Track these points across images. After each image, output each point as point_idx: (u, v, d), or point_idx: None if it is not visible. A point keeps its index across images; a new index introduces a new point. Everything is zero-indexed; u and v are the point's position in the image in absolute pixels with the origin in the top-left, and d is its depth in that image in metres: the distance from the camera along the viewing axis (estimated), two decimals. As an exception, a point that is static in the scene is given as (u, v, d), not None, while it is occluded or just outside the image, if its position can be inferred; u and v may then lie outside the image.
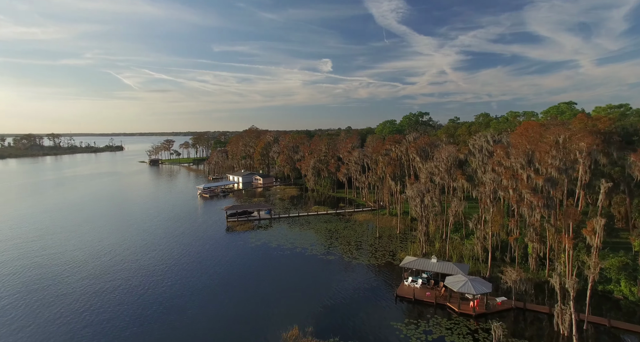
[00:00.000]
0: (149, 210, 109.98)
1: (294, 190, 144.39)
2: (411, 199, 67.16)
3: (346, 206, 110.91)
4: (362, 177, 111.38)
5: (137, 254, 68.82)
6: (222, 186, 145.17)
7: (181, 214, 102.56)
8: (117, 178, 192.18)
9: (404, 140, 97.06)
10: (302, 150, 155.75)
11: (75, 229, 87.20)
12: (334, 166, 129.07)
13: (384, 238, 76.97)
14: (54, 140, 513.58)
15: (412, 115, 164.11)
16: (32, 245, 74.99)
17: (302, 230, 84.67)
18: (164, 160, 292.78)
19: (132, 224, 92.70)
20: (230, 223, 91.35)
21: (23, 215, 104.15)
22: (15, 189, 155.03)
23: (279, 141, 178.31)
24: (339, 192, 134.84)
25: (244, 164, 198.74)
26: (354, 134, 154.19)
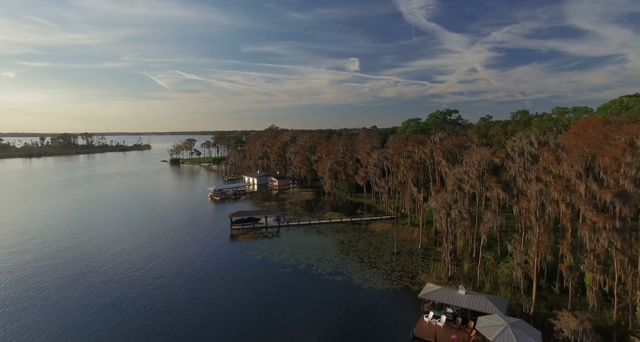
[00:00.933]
0: (154, 215, 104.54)
1: (310, 193, 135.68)
2: (436, 211, 56.63)
3: (364, 213, 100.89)
4: (382, 182, 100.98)
5: (120, 270, 62.19)
6: (234, 187, 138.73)
7: (186, 221, 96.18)
8: (134, 178, 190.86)
9: (428, 141, 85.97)
10: (319, 151, 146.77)
11: (69, 238, 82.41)
12: (351, 169, 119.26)
13: (403, 254, 66.56)
14: (87, 139, 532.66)
15: (439, 113, 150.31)
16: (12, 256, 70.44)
17: (311, 241, 75.65)
18: (185, 160, 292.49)
19: (132, 232, 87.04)
20: (235, 231, 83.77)
21: (15, 222, 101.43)
22: (24, 189, 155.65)
23: (297, 141, 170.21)
24: (357, 196, 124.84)
25: (261, 164, 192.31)
26: (373, 133, 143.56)
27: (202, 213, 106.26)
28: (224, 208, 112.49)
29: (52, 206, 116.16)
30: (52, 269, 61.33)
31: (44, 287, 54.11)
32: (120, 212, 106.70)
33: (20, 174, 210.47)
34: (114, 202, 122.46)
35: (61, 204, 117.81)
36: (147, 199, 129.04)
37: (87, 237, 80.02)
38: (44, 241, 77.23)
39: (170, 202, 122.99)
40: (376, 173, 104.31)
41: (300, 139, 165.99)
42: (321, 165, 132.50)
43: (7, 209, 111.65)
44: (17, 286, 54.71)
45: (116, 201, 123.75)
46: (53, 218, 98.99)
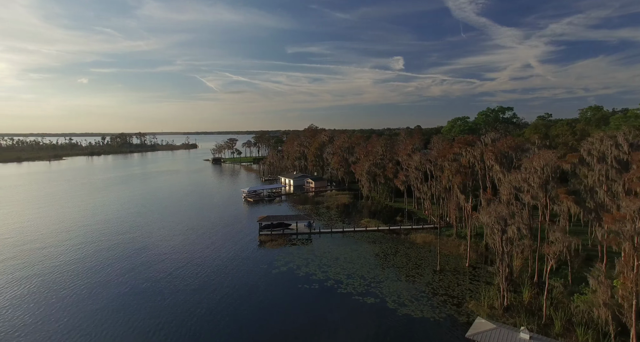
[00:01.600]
0: (189, 215, 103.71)
1: (347, 197, 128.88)
2: (487, 226, 47.64)
3: (403, 221, 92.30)
4: (424, 187, 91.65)
5: (137, 271, 59.85)
6: (268, 189, 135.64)
7: (218, 223, 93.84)
8: (176, 177, 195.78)
9: (478, 143, 75.68)
10: (357, 152, 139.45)
11: (97, 239, 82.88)
12: (391, 171, 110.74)
13: (448, 273, 57.82)
14: (140, 139, 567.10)
15: (490, 111, 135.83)
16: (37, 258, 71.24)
17: (342, 252, 69.07)
18: (226, 159, 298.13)
19: (162, 230, 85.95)
20: (263, 237, 79.45)
21: (32, 224, 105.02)
22: (84, 185, 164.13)
23: (334, 141, 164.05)
24: (397, 201, 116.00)
25: (298, 165, 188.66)
26: (415, 133, 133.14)
27: (234, 215, 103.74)
28: (257, 210, 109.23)
29: (98, 204, 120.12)
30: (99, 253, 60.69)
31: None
32: (158, 212, 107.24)
33: (83, 171, 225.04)
34: (154, 201, 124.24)
35: (107, 202, 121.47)
36: (184, 198, 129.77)
37: (117, 241, 79.84)
38: (84, 241, 78.18)
39: (205, 202, 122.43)
40: (418, 177, 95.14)
41: (338, 139, 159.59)
42: (359, 167, 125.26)
43: (75, 201, 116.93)
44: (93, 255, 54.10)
45: (156, 200, 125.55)
46: (98, 217, 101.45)
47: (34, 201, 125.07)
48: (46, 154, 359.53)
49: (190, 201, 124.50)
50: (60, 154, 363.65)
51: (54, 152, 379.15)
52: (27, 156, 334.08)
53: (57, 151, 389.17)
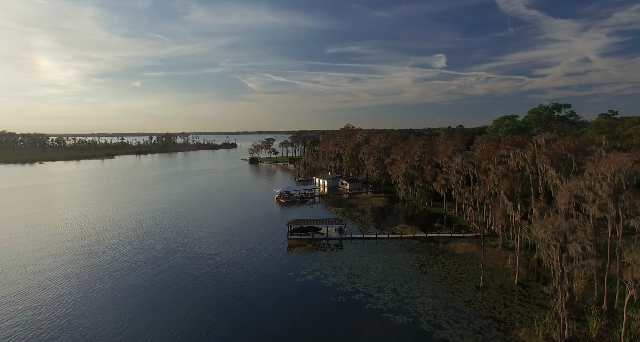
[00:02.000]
0: (221, 215, 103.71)
1: (382, 200, 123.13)
2: (542, 243, 40.90)
3: (442, 228, 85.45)
4: (466, 191, 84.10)
5: (162, 276, 59.01)
6: (301, 190, 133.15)
7: (249, 224, 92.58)
8: (213, 176, 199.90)
9: (529, 144, 67.46)
10: (394, 153, 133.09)
11: (133, 239, 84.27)
12: (430, 174, 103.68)
13: (492, 291, 51.24)
14: (184, 138, 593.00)
15: (544, 108, 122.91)
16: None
17: (374, 261, 64.29)
18: (262, 159, 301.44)
19: (193, 232, 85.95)
20: (292, 241, 76.50)
21: (81, 221, 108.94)
22: (132, 182, 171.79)
23: (370, 141, 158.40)
24: (435, 205, 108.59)
25: (333, 166, 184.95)
26: (456, 133, 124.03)
27: (266, 216, 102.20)
28: (288, 212, 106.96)
29: (136, 202, 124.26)
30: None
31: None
32: (191, 212, 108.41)
33: (129, 169, 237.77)
34: (189, 201, 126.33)
35: (144, 201, 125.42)
36: (218, 198, 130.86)
37: (147, 243, 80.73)
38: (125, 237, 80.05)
39: (238, 203, 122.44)
40: (459, 181, 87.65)
41: (374, 140, 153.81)
42: (395, 168, 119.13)
43: (115, 199, 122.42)
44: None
45: (191, 200, 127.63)
46: (135, 216, 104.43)
47: (82, 197, 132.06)
48: (100, 152, 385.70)
49: (223, 201, 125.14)
50: (112, 153, 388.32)
51: (107, 151, 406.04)
52: (85, 155, 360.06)
53: (110, 150, 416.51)
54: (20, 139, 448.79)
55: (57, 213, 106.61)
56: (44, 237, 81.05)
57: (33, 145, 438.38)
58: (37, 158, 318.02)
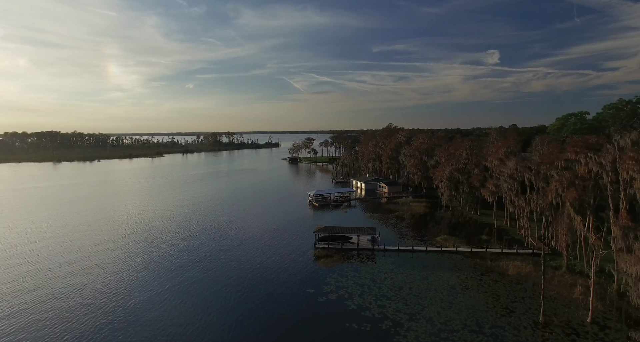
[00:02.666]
0: (250, 217, 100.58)
1: (423, 205, 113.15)
2: (630, 277, 31.07)
3: (491, 242, 74.77)
4: (521, 200, 72.71)
5: (179, 288, 55.58)
6: (336, 193, 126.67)
7: (277, 228, 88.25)
8: (251, 175, 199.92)
9: (607, 146, 55.40)
10: (437, 155, 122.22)
11: (156, 244, 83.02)
12: (477, 179, 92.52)
13: (557, 330, 41.30)
14: (229, 138, 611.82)
15: (625, 102, 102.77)
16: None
17: (408, 279, 56.35)
18: (302, 159, 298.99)
19: (221, 235, 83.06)
20: (319, 251, 70.37)
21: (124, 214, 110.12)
22: (152, 183, 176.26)
23: (412, 142, 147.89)
24: (483, 214, 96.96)
25: (372, 167, 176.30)
26: (510, 134, 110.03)
27: (297, 219, 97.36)
28: (320, 216, 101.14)
29: (169, 201, 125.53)
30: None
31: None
32: (223, 213, 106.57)
33: (174, 168, 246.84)
34: (222, 200, 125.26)
35: (180, 202, 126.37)
36: (253, 197, 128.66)
37: (169, 247, 78.94)
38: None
39: (271, 204, 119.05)
40: (512, 188, 76.18)
41: (416, 140, 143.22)
42: (439, 172, 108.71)
43: (160, 195, 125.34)
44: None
45: (224, 200, 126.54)
46: (164, 220, 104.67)
47: (121, 195, 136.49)
48: (151, 151, 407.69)
49: (257, 203, 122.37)
50: (162, 152, 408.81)
51: (157, 149, 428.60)
52: (137, 153, 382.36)
53: (160, 149, 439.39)
54: (87, 138, 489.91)
55: (101, 212, 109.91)
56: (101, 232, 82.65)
57: (97, 144, 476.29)
58: (97, 156, 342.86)
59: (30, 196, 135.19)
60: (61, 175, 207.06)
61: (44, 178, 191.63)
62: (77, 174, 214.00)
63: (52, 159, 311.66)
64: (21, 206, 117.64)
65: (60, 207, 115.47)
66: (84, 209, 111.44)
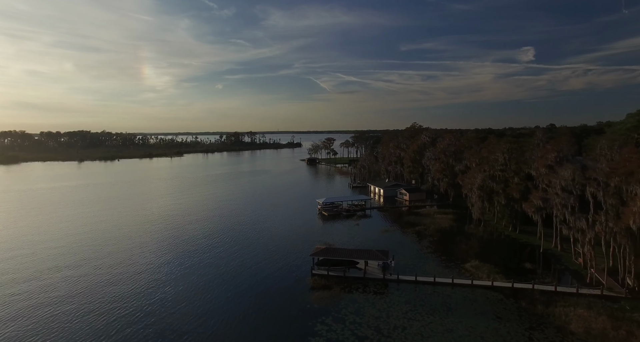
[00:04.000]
0: (249, 227, 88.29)
1: (449, 218, 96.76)
2: None
3: (539, 272, 58.25)
4: (579, 220, 55.65)
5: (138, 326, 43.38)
6: (349, 201, 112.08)
7: (277, 244, 75.40)
8: (264, 178, 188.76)
9: None
10: (467, 158, 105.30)
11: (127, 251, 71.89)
12: (517, 189, 75.72)
13: None
14: (251, 138, 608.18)
15: None
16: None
17: (427, 331, 41.51)
18: (321, 160, 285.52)
19: (212, 249, 71.03)
20: (316, 279, 56.52)
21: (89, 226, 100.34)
22: (155, 186, 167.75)
23: (437, 143, 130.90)
24: (524, 231, 79.80)
25: (393, 171, 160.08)
26: (562, 135, 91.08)
27: (301, 232, 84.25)
28: (328, 230, 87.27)
29: (167, 207, 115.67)
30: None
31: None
32: (221, 219, 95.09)
33: (189, 168, 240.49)
34: (225, 205, 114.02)
35: (177, 204, 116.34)
36: (257, 204, 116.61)
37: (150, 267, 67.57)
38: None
39: (276, 212, 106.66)
40: (567, 203, 59.18)
41: (442, 141, 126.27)
42: (469, 179, 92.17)
43: (161, 200, 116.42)
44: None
45: (227, 205, 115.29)
46: (155, 225, 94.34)
47: (118, 200, 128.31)
48: (171, 151, 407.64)
49: (260, 209, 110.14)
50: (182, 151, 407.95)
51: (179, 149, 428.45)
52: (157, 153, 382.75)
53: (181, 149, 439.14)
54: (114, 137, 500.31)
55: (83, 220, 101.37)
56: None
57: (124, 143, 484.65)
58: (119, 155, 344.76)
59: (17, 200, 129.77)
60: (72, 175, 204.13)
61: (51, 179, 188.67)
62: (89, 174, 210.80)
63: (75, 158, 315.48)
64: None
65: (25, 217, 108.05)
66: (59, 220, 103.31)
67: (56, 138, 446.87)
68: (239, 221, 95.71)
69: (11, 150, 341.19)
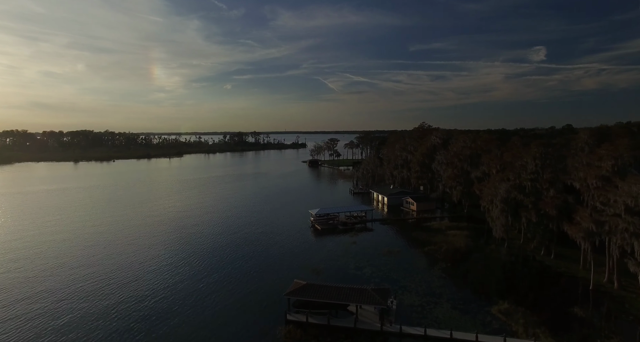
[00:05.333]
0: (226, 246, 73.90)
1: (464, 234, 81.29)
2: None
3: (595, 322, 42.71)
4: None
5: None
6: (348, 212, 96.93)
7: (250, 272, 60.95)
8: (258, 181, 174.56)
9: None
10: (485, 163, 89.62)
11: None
12: (552, 204, 60.12)
13: None
14: (255, 138, 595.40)
15: None
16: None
17: None
18: (323, 162, 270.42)
19: (169, 274, 56.75)
20: (291, 330, 41.76)
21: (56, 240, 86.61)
22: (136, 192, 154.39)
23: (449, 145, 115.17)
24: (562, 256, 64.10)
25: (398, 176, 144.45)
26: (617, 135, 74.11)
27: (285, 253, 69.68)
28: (319, 251, 72.41)
29: (135, 219, 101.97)
30: None
31: None
32: (193, 235, 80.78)
33: (182, 170, 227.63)
34: (205, 216, 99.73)
35: (150, 212, 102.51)
36: (242, 214, 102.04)
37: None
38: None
39: (261, 223, 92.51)
40: (635, 230, 43.53)
41: (455, 143, 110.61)
42: (488, 188, 76.56)
43: (139, 207, 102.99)
44: None
45: (208, 215, 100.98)
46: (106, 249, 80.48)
47: (84, 208, 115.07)
48: (172, 151, 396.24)
49: (244, 220, 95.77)
50: (182, 152, 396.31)
51: (179, 149, 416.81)
52: (156, 153, 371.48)
53: (181, 149, 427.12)
54: (117, 137, 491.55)
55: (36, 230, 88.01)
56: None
57: (127, 143, 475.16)
58: (116, 156, 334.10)
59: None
60: (56, 177, 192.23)
61: (30, 182, 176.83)
62: (74, 176, 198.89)
63: (71, 158, 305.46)
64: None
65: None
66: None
67: (58, 138, 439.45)
68: (215, 242, 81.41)
69: (10, 150, 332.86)
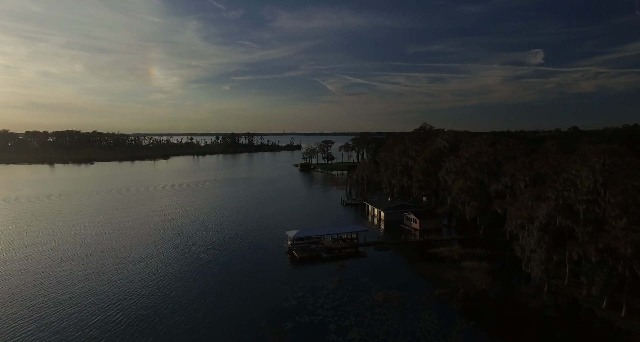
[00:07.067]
0: (171, 279, 53.76)
1: (485, 268, 61.51)
2: None
3: None
4: None
5: None
6: (335, 234, 76.97)
7: (221, 314, 40.94)
8: (240, 188, 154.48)
9: None
10: (509, 175, 69.91)
11: None
12: (626, 239, 40.37)
13: None
14: (248, 139, 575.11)
15: None
16: None
17: None
18: (316, 165, 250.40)
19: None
20: None
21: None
22: (103, 198, 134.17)
23: (460, 149, 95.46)
24: (638, 313, 44.18)
25: (397, 184, 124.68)
26: None
27: (250, 300, 49.35)
28: (296, 292, 52.36)
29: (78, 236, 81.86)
30: None
31: None
32: (147, 261, 60.52)
33: (161, 174, 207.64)
34: (153, 239, 79.73)
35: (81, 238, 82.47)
36: (205, 235, 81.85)
37: None
38: None
39: (224, 251, 72.13)
40: None
41: (468, 147, 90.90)
42: (516, 210, 56.69)
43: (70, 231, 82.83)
44: None
45: (158, 237, 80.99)
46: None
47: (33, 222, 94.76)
48: (158, 153, 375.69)
49: (202, 247, 75.79)
50: (168, 154, 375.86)
51: (167, 151, 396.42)
52: (141, 155, 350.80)
53: (171, 150, 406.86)
54: (106, 138, 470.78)
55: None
56: None
57: (116, 144, 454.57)
58: (97, 158, 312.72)
59: None
60: (11, 182, 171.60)
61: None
62: (32, 181, 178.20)
63: (45, 160, 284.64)
64: None
65: None
66: None
67: (43, 138, 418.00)
68: (147, 285, 61.28)
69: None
